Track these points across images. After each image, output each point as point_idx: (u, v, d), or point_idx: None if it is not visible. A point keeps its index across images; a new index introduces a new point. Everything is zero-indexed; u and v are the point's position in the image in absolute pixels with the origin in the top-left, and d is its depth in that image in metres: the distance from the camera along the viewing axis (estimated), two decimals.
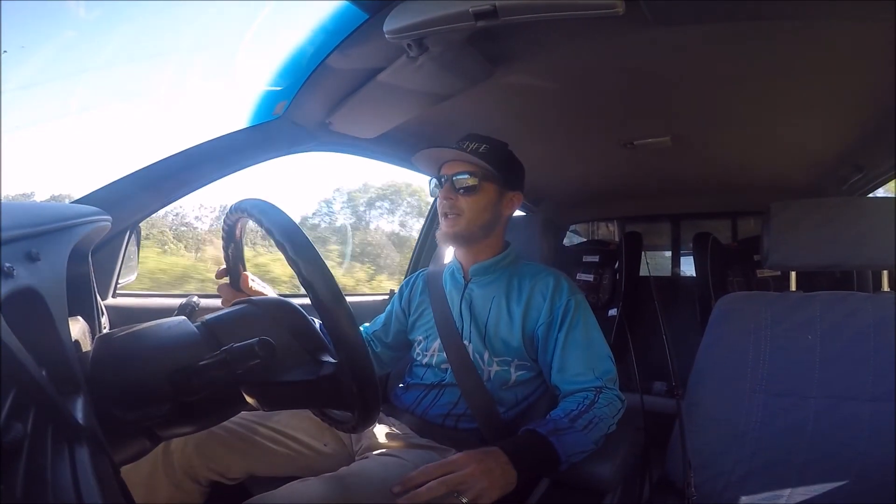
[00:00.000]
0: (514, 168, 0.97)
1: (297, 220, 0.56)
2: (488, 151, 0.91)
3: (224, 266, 0.77)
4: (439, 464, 0.66)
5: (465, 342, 0.92)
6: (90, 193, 0.87)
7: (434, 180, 0.96)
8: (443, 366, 0.93)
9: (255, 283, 0.81)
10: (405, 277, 1.18)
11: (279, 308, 0.58)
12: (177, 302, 1.00)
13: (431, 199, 1.44)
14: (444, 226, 0.94)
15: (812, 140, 1.40)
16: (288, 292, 1.43)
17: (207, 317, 0.56)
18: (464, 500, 0.64)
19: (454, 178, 0.92)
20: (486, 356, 0.90)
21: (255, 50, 0.94)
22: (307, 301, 0.54)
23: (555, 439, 0.74)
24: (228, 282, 0.78)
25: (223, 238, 0.75)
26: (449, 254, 1.17)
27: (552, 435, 0.74)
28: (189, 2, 0.97)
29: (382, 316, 1.10)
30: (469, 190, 0.92)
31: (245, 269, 0.80)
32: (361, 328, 1.08)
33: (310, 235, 0.55)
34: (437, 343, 0.94)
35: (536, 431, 0.75)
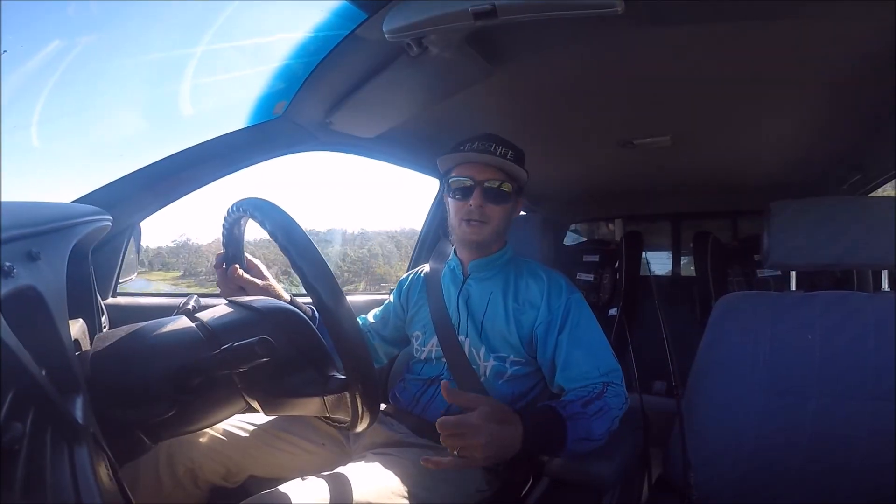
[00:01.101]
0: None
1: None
2: (515, 158, 0.90)
3: (222, 252, 0.77)
4: (456, 421, 0.63)
5: (462, 337, 0.92)
6: (90, 193, 0.87)
7: (452, 179, 0.92)
8: (441, 360, 0.93)
9: (255, 281, 0.81)
10: (405, 274, 1.18)
11: (284, 315, 0.58)
12: (177, 301, 1.00)
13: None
14: (467, 232, 0.91)
15: (812, 139, 1.39)
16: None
17: (210, 321, 0.55)
18: (455, 454, 0.63)
19: (486, 185, 0.89)
20: (482, 352, 0.90)
21: (254, 49, 0.94)
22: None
23: (570, 424, 0.74)
24: (225, 267, 0.79)
25: (223, 236, 0.75)
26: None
27: (570, 420, 0.74)
28: (188, 1, 0.96)
29: (380, 310, 1.10)
30: (500, 197, 0.90)
31: (243, 264, 0.80)
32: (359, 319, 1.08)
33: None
34: (434, 338, 0.94)
35: (557, 411, 0.75)
